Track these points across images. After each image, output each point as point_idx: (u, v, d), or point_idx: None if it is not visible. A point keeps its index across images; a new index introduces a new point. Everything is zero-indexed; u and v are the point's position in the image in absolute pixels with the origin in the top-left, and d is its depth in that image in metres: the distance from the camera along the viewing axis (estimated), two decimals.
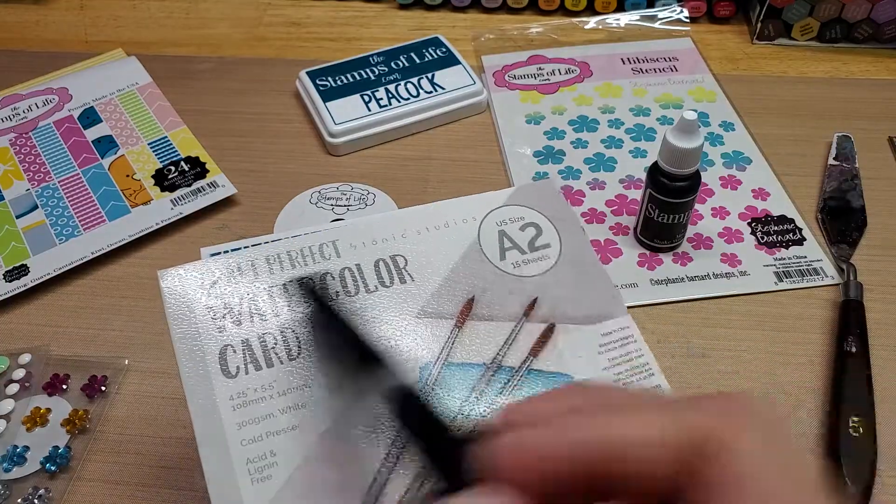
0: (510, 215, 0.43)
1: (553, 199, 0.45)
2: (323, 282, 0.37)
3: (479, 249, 0.42)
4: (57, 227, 0.59)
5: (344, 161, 0.66)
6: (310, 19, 0.83)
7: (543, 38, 0.78)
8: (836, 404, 0.46)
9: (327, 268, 0.39)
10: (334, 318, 0.31)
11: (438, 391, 0.37)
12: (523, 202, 0.44)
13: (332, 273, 0.39)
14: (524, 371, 0.38)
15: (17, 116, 0.67)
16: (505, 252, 0.42)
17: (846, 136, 0.65)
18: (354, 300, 0.39)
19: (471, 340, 0.38)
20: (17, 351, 0.51)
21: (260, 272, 0.39)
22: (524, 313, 0.40)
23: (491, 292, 0.40)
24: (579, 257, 0.42)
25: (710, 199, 0.60)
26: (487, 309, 0.40)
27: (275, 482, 0.33)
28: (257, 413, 0.35)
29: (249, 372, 0.36)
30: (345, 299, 0.39)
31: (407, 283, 0.40)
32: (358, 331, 0.30)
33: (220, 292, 0.38)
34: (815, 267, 0.55)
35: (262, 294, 0.38)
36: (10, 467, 0.45)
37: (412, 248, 0.41)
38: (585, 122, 0.68)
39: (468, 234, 0.42)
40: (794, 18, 0.75)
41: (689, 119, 0.49)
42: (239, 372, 0.36)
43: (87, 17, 0.84)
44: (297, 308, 0.38)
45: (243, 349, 0.36)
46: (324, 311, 0.32)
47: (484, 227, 0.43)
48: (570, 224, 0.44)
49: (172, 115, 0.68)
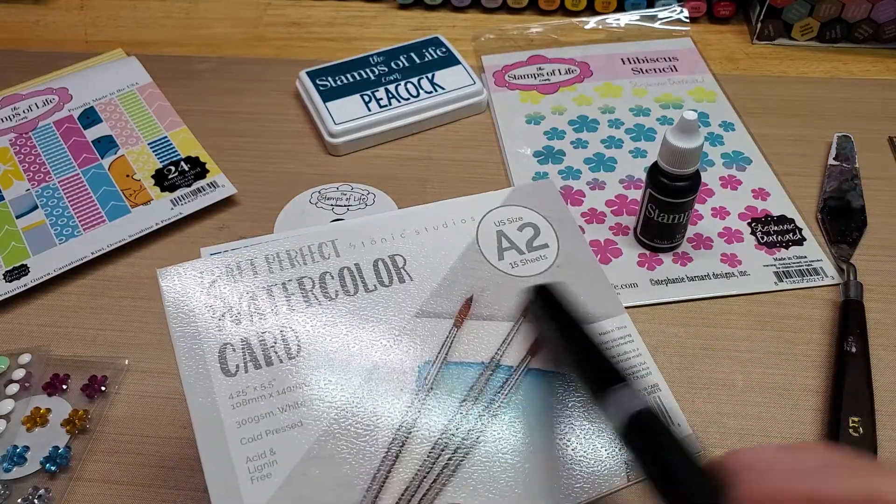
0: (508, 215, 0.44)
1: (551, 200, 0.45)
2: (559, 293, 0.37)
3: (478, 249, 0.42)
4: (57, 227, 0.59)
5: (344, 161, 0.66)
6: (310, 19, 0.83)
7: (543, 38, 0.78)
8: (836, 404, 0.46)
9: (326, 267, 0.39)
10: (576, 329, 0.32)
11: (437, 390, 0.37)
12: (521, 202, 0.44)
13: (330, 273, 0.39)
14: (522, 370, 0.38)
15: (17, 116, 0.67)
16: (503, 252, 0.42)
17: (846, 136, 0.65)
18: (354, 299, 0.39)
19: (469, 340, 0.39)
20: (17, 351, 0.51)
21: (259, 271, 0.39)
22: (522, 313, 0.40)
23: (489, 292, 0.40)
24: (577, 257, 0.43)
25: (710, 199, 0.60)
26: (486, 309, 0.40)
27: (274, 480, 0.33)
28: (257, 412, 0.35)
29: (249, 370, 0.36)
30: (344, 298, 0.39)
31: (406, 282, 0.40)
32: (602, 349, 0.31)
33: (219, 291, 0.38)
34: (815, 267, 0.55)
35: (262, 293, 0.38)
36: (10, 467, 0.45)
37: (411, 247, 0.41)
38: (585, 122, 0.68)
39: (467, 235, 0.42)
40: (794, 18, 0.75)
41: (689, 119, 0.49)
42: (238, 370, 0.36)
43: (87, 17, 0.84)
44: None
45: (243, 348, 0.36)
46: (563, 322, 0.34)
47: (482, 228, 0.43)
48: (567, 224, 0.44)
49: (172, 115, 0.68)
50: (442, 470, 0.35)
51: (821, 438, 0.46)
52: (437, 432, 0.36)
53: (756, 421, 0.47)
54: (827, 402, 0.47)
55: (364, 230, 0.41)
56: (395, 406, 0.36)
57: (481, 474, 0.35)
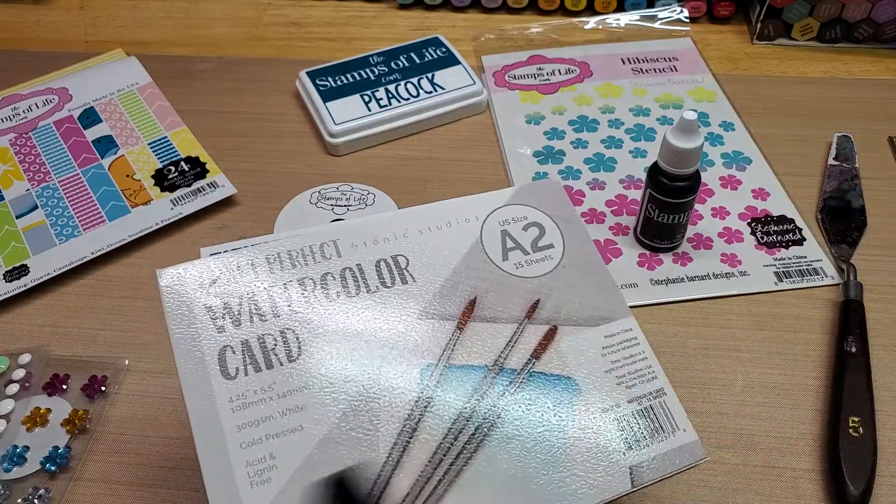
0: (513, 215, 0.43)
1: (557, 199, 0.44)
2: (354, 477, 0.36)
3: (482, 250, 0.41)
4: (57, 227, 0.59)
5: (344, 161, 0.66)
6: (310, 19, 0.83)
7: (543, 38, 0.78)
8: (836, 404, 0.46)
9: (328, 268, 0.39)
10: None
11: (439, 394, 0.37)
12: (526, 201, 0.44)
13: (332, 273, 0.39)
14: (526, 373, 0.38)
15: (17, 116, 0.67)
16: (507, 252, 0.42)
17: (846, 136, 0.65)
18: (356, 300, 0.39)
19: (472, 342, 0.38)
20: (17, 351, 0.51)
21: (260, 272, 0.39)
22: (526, 315, 0.40)
23: (493, 293, 0.40)
24: (583, 258, 0.42)
25: (710, 199, 0.60)
26: (489, 310, 0.39)
27: (274, 485, 0.33)
28: (257, 415, 0.35)
29: (249, 373, 0.36)
30: (345, 300, 0.39)
31: (408, 283, 0.40)
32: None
33: (219, 291, 0.38)
34: (815, 267, 0.55)
35: (262, 294, 0.38)
36: (10, 467, 0.45)
37: (414, 247, 0.41)
38: (585, 122, 0.68)
39: (470, 234, 0.42)
40: (794, 18, 0.75)
41: (689, 119, 0.49)
42: (238, 373, 0.36)
43: (87, 17, 0.84)
44: (298, 309, 0.38)
45: (243, 350, 0.36)
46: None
47: (486, 227, 0.42)
48: (574, 224, 0.43)
49: (172, 115, 0.68)
50: (444, 476, 0.35)
51: (821, 438, 0.46)
52: (438, 437, 0.36)
53: (756, 421, 0.47)
54: (827, 402, 0.47)
55: (366, 230, 0.41)
56: (396, 410, 0.36)
57: (482, 482, 0.35)
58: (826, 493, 0.43)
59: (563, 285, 0.40)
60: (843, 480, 0.42)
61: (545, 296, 0.40)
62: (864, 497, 0.42)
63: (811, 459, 0.45)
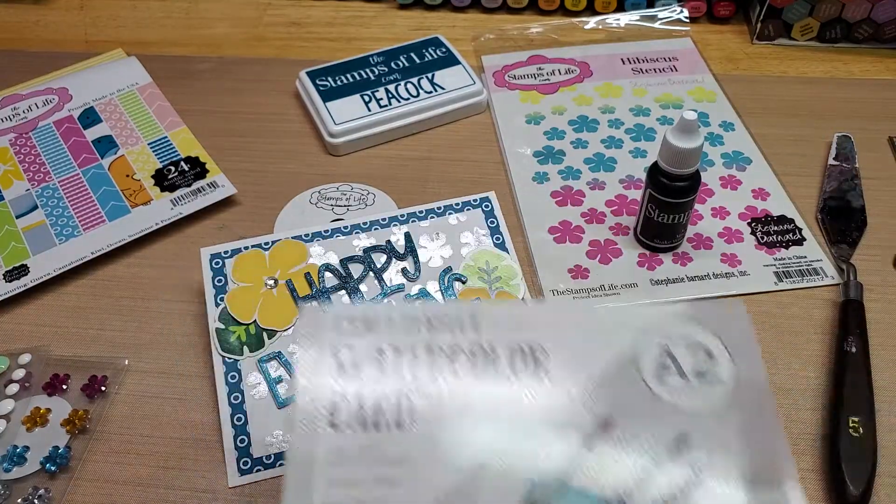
0: (681, 332, 0.38)
1: (737, 325, 0.38)
2: None
3: (634, 365, 0.36)
4: (57, 227, 0.59)
5: (344, 161, 0.66)
6: (310, 19, 0.83)
7: (543, 38, 0.78)
8: (836, 404, 0.46)
9: (460, 341, 0.37)
10: None
11: None
12: (700, 321, 0.38)
13: (463, 347, 0.36)
14: None
15: (17, 116, 0.67)
16: (663, 374, 0.36)
17: (846, 136, 0.65)
18: (480, 384, 0.36)
19: (598, 466, 0.33)
20: (17, 351, 0.51)
21: (394, 329, 0.37)
22: (669, 451, 0.34)
23: (635, 417, 0.35)
24: (754, 401, 0.36)
25: (710, 199, 0.60)
26: (626, 435, 0.34)
27: None
28: (348, 475, 0.32)
29: (354, 429, 0.34)
30: (470, 380, 0.35)
31: (541, 380, 0.35)
32: None
33: (348, 341, 0.36)
34: (815, 267, 0.55)
35: (388, 352, 0.36)
36: (10, 467, 0.45)
37: (557, 342, 0.37)
38: (585, 122, 0.68)
39: (625, 344, 0.37)
40: (794, 18, 0.75)
41: (689, 119, 0.49)
42: (344, 426, 0.34)
43: (87, 17, 0.84)
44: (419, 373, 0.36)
45: (355, 404, 0.34)
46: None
47: (646, 341, 0.37)
48: (751, 358, 0.37)
49: (172, 115, 0.68)
50: None
51: (821, 438, 0.46)
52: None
53: None
54: (827, 402, 0.47)
55: (510, 313, 0.38)
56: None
57: None
58: (826, 493, 0.43)
59: (721, 427, 0.35)
60: (843, 480, 0.42)
61: (696, 433, 0.34)
62: (864, 497, 0.42)
63: (811, 459, 0.45)
